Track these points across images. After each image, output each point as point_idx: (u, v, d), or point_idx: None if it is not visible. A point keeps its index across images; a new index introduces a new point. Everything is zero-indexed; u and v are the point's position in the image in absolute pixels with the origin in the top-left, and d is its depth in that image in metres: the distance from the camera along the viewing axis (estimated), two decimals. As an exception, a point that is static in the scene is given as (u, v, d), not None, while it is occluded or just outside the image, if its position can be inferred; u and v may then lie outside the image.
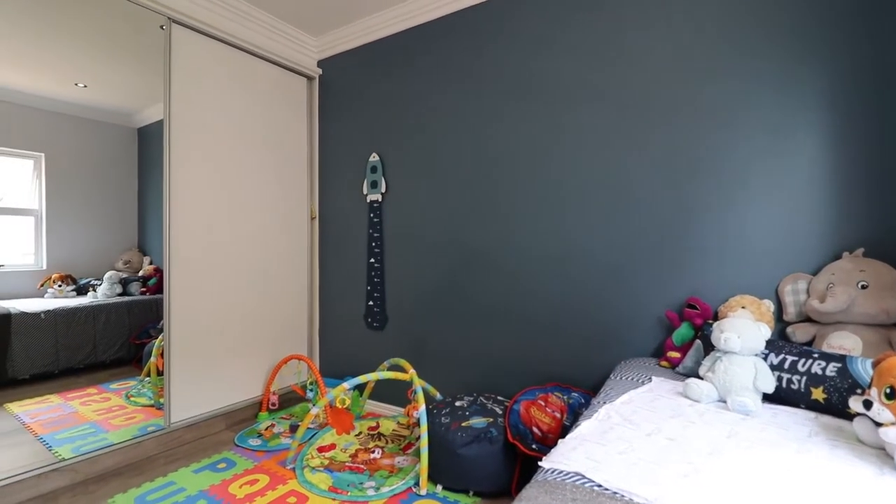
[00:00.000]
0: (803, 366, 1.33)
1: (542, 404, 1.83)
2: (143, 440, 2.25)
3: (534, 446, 1.74)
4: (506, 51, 2.34)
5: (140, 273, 3.33)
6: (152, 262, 3.36)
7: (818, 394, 1.27)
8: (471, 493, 1.87)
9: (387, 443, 2.32)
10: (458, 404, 2.05)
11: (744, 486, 0.86)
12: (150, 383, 2.80)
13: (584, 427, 1.16)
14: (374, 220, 2.87)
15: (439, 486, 1.91)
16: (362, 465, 2.09)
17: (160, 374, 2.54)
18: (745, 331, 1.38)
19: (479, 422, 1.88)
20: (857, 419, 1.06)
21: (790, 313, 1.64)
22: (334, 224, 3.13)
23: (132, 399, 2.77)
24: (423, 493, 1.87)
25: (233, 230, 2.67)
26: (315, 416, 2.19)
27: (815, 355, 1.34)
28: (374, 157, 2.86)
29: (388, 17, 2.76)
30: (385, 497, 1.85)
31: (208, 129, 2.53)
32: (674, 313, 1.81)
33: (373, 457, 2.17)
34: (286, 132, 3.01)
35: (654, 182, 1.93)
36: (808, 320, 1.61)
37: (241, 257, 2.72)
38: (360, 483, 1.94)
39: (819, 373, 1.29)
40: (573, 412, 1.81)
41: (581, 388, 2.02)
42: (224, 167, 2.62)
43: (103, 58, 2.82)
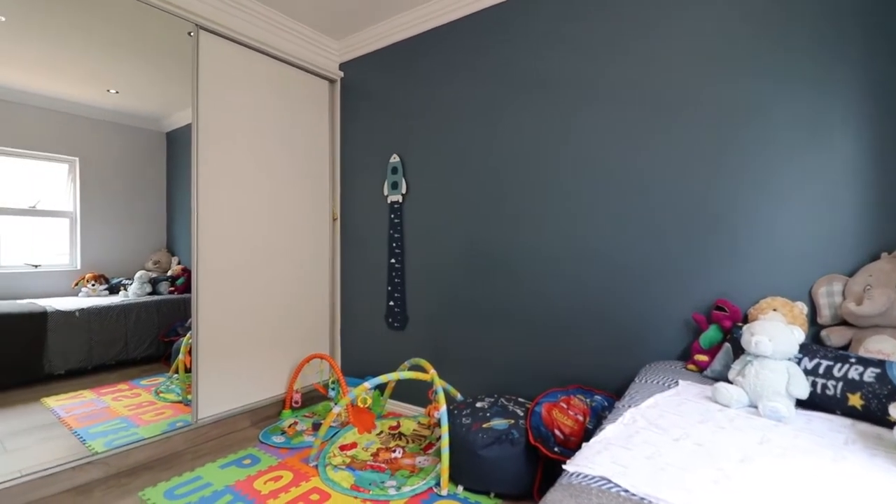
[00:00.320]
0: (839, 371, 1.28)
1: (565, 407, 1.81)
2: (172, 435, 2.31)
3: (556, 449, 1.72)
4: (525, 51, 2.33)
5: (168, 273, 3.43)
6: (180, 263, 3.46)
7: (855, 400, 1.22)
8: (492, 494, 1.87)
9: (408, 442, 2.33)
10: (478, 405, 2.05)
11: (777, 495, 0.83)
12: (178, 380, 2.88)
13: (609, 431, 1.14)
14: (395, 221, 2.88)
15: (460, 487, 1.91)
16: (383, 465, 2.11)
17: (188, 371, 2.61)
18: (777, 334, 1.34)
19: (500, 423, 1.87)
20: (898, 427, 1.02)
21: (825, 316, 1.58)
22: (355, 225, 3.16)
23: (161, 395, 2.85)
24: (444, 493, 1.87)
25: (257, 231, 2.73)
26: (337, 415, 2.22)
27: (852, 360, 1.29)
28: (394, 158, 2.88)
29: (408, 19, 2.77)
30: (406, 496, 1.86)
31: (234, 133, 2.59)
32: (701, 315, 1.76)
33: (394, 456, 2.18)
34: (309, 134, 3.06)
35: (681, 181, 1.89)
36: (843, 323, 1.55)
37: (265, 258, 2.78)
38: (382, 482, 1.96)
39: (856, 378, 1.24)
40: (596, 415, 1.78)
41: (604, 391, 1.99)
42: (248, 169, 2.68)
43: (134, 65, 2.91)
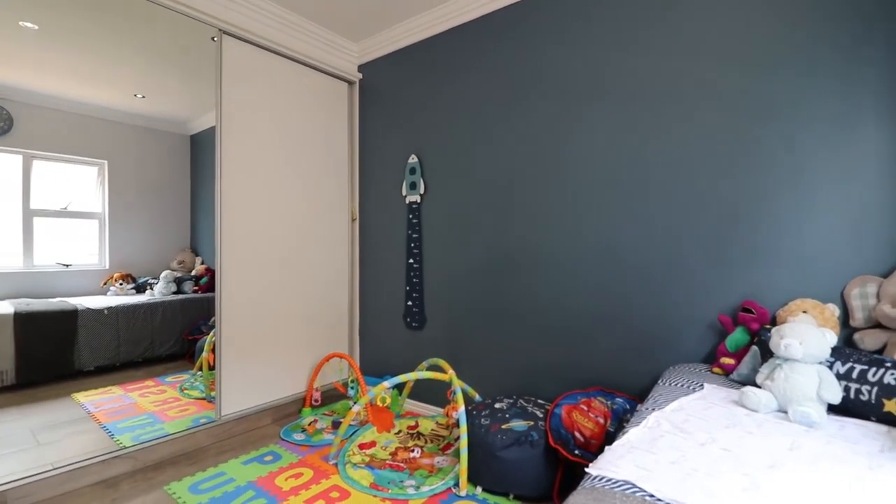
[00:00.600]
0: (874, 375, 1.23)
1: (585, 409, 1.79)
2: (196, 431, 2.36)
3: (576, 452, 1.70)
4: (542, 49, 2.31)
5: (193, 272, 3.52)
6: (203, 262, 3.54)
7: (891, 406, 1.17)
8: (511, 496, 1.85)
9: (426, 442, 2.34)
10: (497, 406, 2.04)
11: (809, 503, 0.80)
12: (201, 377, 2.95)
13: (633, 434, 1.12)
14: (413, 221, 2.89)
15: (479, 488, 1.90)
16: (402, 464, 2.11)
17: (211, 368, 2.66)
18: (807, 337, 1.30)
19: (519, 425, 1.86)
20: (939, 436, 0.97)
21: (858, 319, 1.52)
22: (374, 225, 3.19)
23: (186, 392, 2.92)
24: (462, 493, 1.86)
25: (278, 232, 2.77)
26: (356, 414, 2.24)
27: (888, 364, 1.24)
28: (412, 158, 2.89)
29: (424, 21, 2.78)
30: (425, 496, 1.86)
31: (256, 135, 2.64)
32: (727, 317, 1.72)
33: (412, 456, 2.19)
34: (328, 136, 3.09)
35: (705, 179, 1.85)
36: (877, 326, 1.49)
37: (286, 258, 2.82)
38: (401, 481, 1.96)
39: (892, 383, 1.19)
40: (617, 418, 1.75)
41: (625, 394, 1.96)
42: (270, 171, 2.72)
43: (160, 70, 2.99)
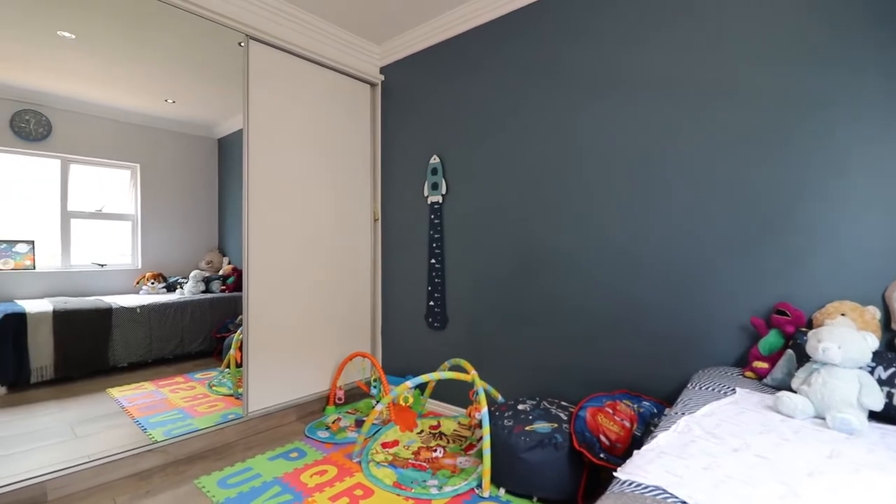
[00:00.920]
0: (920, 382, 1.18)
1: (610, 412, 1.76)
2: (225, 427, 2.41)
3: (602, 455, 1.67)
4: (564, 47, 2.28)
5: (220, 272, 3.61)
6: (230, 262, 3.63)
7: (940, 415, 1.12)
8: (535, 499, 1.84)
9: (448, 442, 2.34)
10: (520, 408, 2.02)
11: (854, 515, 0.77)
12: (229, 374, 3.02)
13: (662, 439, 1.10)
14: (435, 222, 2.90)
15: (502, 490, 1.89)
16: (425, 463, 2.12)
17: (238, 366, 2.72)
18: (846, 340, 1.24)
19: (542, 427, 1.84)
20: None
21: (901, 322, 1.46)
22: (396, 226, 3.21)
23: (214, 388, 3.00)
24: (485, 495, 1.86)
25: (303, 233, 2.81)
26: (379, 413, 2.25)
27: (936, 371, 1.18)
28: (434, 159, 2.90)
29: (446, 21, 2.78)
30: (448, 496, 1.86)
31: (281, 137, 2.68)
32: (760, 320, 1.66)
33: (435, 455, 2.19)
34: (351, 137, 3.13)
35: (737, 177, 1.79)
36: (923, 331, 1.42)
37: (311, 259, 2.86)
38: (424, 481, 1.97)
39: (941, 391, 1.13)
40: (644, 422, 1.72)
41: (653, 397, 1.92)
42: (295, 172, 2.76)
43: (189, 75, 3.08)
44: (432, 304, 2.92)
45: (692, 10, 1.90)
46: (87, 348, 2.97)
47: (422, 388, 2.86)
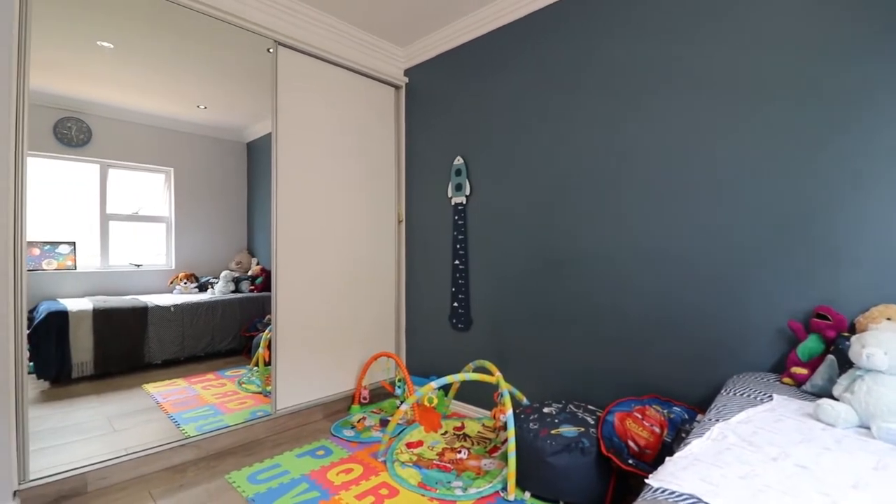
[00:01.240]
0: (976, 392, 1.11)
1: (639, 417, 1.72)
2: (254, 424, 2.47)
3: (630, 461, 1.64)
4: (591, 45, 2.25)
5: (249, 272, 3.70)
6: (259, 263, 3.71)
7: None
8: (560, 503, 1.81)
9: (473, 444, 2.33)
10: (546, 411, 2.00)
11: (905, 530, 0.73)
12: (257, 372, 3.09)
13: (696, 446, 1.07)
14: (459, 223, 2.90)
15: (527, 493, 1.87)
16: (449, 465, 2.12)
17: (267, 364, 2.79)
18: (893, 346, 1.19)
19: (569, 430, 1.81)
20: None
21: (953, 328, 1.38)
22: (420, 227, 3.22)
23: (243, 386, 3.07)
24: (511, 498, 1.84)
25: (329, 234, 2.86)
26: (404, 413, 2.27)
27: None
28: (458, 160, 2.90)
29: (470, 22, 2.78)
30: (473, 498, 1.86)
31: (308, 141, 2.74)
32: (798, 324, 1.60)
33: (459, 457, 2.19)
34: (375, 140, 3.16)
35: (772, 175, 1.73)
36: (978, 337, 1.34)
37: (337, 260, 2.90)
38: (448, 482, 1.97)
39: None
40: (675, 428, 1.68)
41: (684, 403, 1.87)
42: (321, 175, 2.81)
43: (220, 82, 3.17)
44: (456, 304, 2.92)
45: (729, 5, 1.85)
46: (125, 345, 3.08)
47: (446, 389, 2.87)
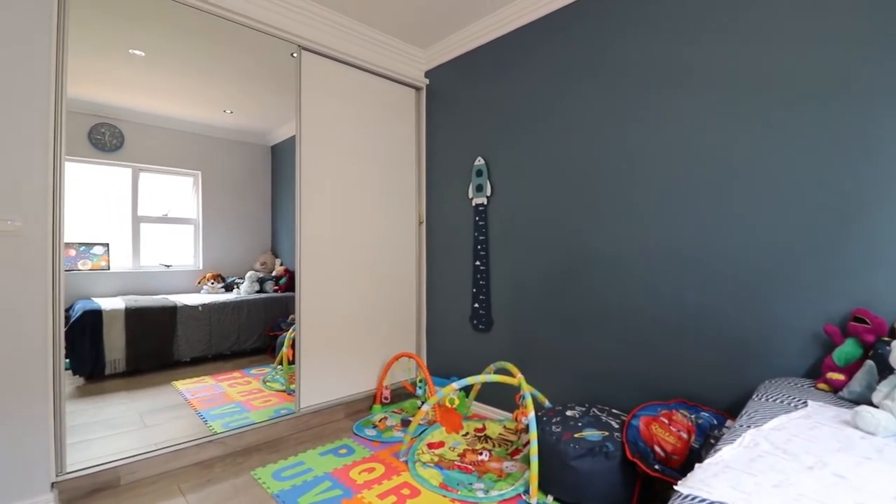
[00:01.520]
0: None
1: (666, 422, 1.68)
2: (278, 422, 2.52)
3: (656, 467, 1.61)
4: (614, 43, 2.21)
5: (273, 273, 3.77)
6: (282, 264, 3.78)
7: None
8: (584, 507, 1.79)
9: (494, 446, 2.32)
10: (569, 414, 1.98)
11: (955, 546, 0.70)
12: (281, 371, 3.15)
13: (727, 452, 1.04)
14: (480, 224, 2.89)
15: (550, 497, 1.85)
16: (471, 466, 2.12)
17: (291, 363, 2.83)
18: (939, 353, 1.13)
19: (592, 434, 1.79)
20: None
21: None
22: (440, 228, 3.23)
23: (268, 384, 3.13)
24: (533, 501, 1.82)
25: (351, 235, 2.89)
26: (425, 414, 2.27)
27: None
28: (479, 161, 2.89)
29: (490, 22, 2.77)
30: (494, 500, 1.85)
31: (330, 143, 2.77)
32: (834, 328, 1.54)
33: (480, 458, 2.19)
34: (397, 141, 3.18)
35: (808, 173, 1.67)
36: None
37: (359, 260, 2.93)
38: (470, 483, 1.97)
39: None
40: (703, 434, 1.63)
41: (712, 408, 1.82)
42: (343, 177, 2.85)
43: (244, 87, 3.24)
44: (477, 306, 2.91)
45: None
46: (155, 343, 3.18)
47: (467, 390, 2.86)
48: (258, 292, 3.66)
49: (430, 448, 2.29)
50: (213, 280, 3.55)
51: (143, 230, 3.38)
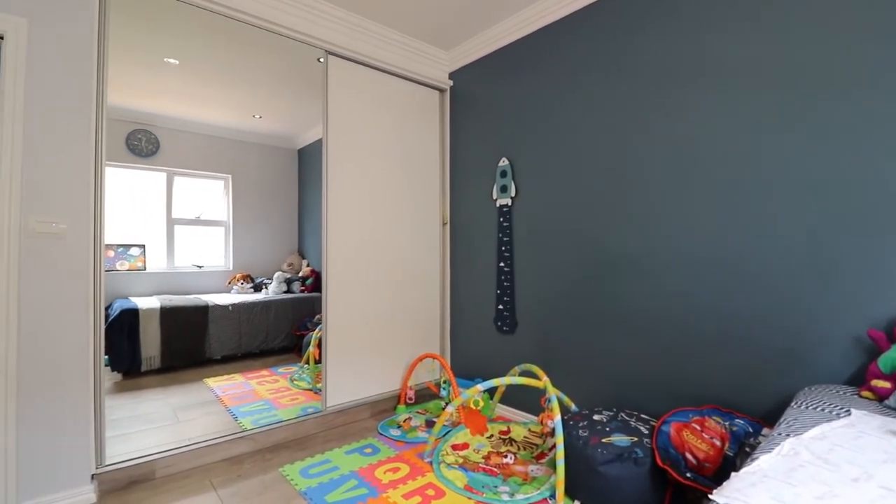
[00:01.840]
0: None
1: (698, 429, 1.63)
2: (305, 420, 2.56)
3: (688, 474, 1.56)
4: (641, 39, 2.16)
5: (300, 273, 3.85)
6: (309, 265, 3.85)
7: None
8: (612, 514, 1.75)
9: (519, 449, 2.30)
10: (596, 418, 1.94)
11: None
12: (308, 370, 3.21)
13: (765, 461, 1.00)
14: (504, 225, 2.88)
15: (577, 502, 1.82)
16: (495, 469, 2.10)
17: (317, 362, 2.88)
18: None
19: (621, 440, 1.75)
20: None
21: None
22: (464, 229, 3.22)
23: (295, 382, 3.19)
24: (559, 506, 1.80)
25: (376, 237, 2.92)
26: (450, 415, 2.27)
27: None
28: (503, 161, 2.88)
29: (514, 23, 2.75)
30: (520, 504, 1.83)
31: (356, 146, 2.81)
32: (880, 332, 1.46)
33: (505, 461, 2.17)
34: (421, 143, 3.20)
35: (853, 169, 1.59)
36: None
37: (383, 262, 2.96)
38: (495, 486, 1.95)
39: None
40: (738, 442, 1.58)
41: (747, 415, 1.75)
42: (369, 179, 2.88)
43: (273, 93, 3.32)
44: (501, 307, 2.90)
45: (792, -10, 1.73)
46: (188, 342, 3.29)
47: (491, 392, 2.85)
48: (285, 292, 3.75)
49: (454, 449, 2.29)
50: (242, 280, 3.64)
51: (176, 232, 3.50)
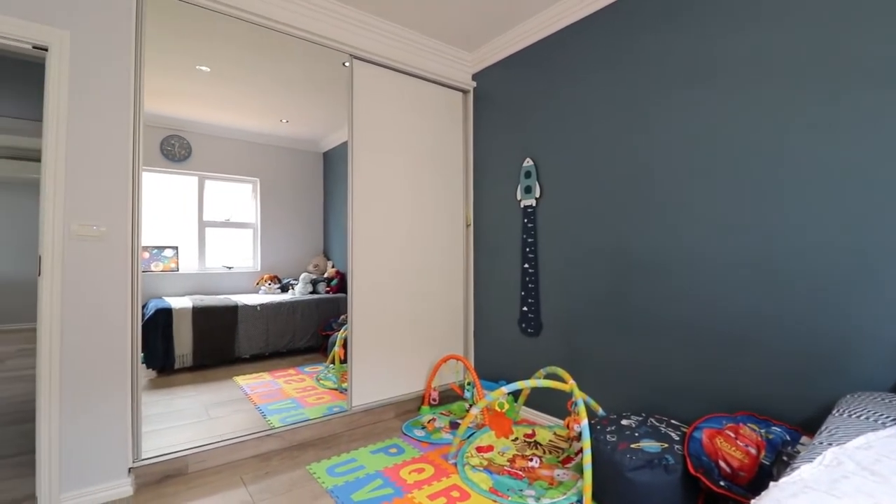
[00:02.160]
0: None
1: (732, 436, 1.58)
2: (331, 419, 2.60)
3: (722, 483, 1.51)
4: (668, 36, 2.11)
5: (325, 275, 3.91)
6: (334, 266, 3.91)
7: None
8: (641, 521, 1.71)
9: (544, 453, 2.28)
10: (624, 423, 1.91)
11: None
12: (333, 369, 3.25)
13: (806, 471, 0.96)
14: (528, 226, 2.86)
15: (604, 508, 1.79)
16: (521, 472, 2.09)
17: (342, 362, 2.92)
18: None
19: (651, 445, 1.71)
20: None
21: None
22: (488, 230, 3.21)
23: (321, 381, 3.24)
24: (586, 511, 1.77)
25: (399, 238, 2.94)
26: (474, 417, 2.27)
27: None
28: (527, 162, 2.86)
29: (537, 22, 2.73)
30: (546, 508, 1.81)
31: (380, 148, 2.84)
32: (930, 339, 1.39)
33: (531, 465, 2.15)
34: (444, 145, 3.21)
35: (886, 165, 1.52)
36: None
37: (408, 263, 2.98)
38: (520, 490, 1.94)
39: None
40: (774, 450, 1.52)
41: (784, 423, 1.69)
42: (393, 181, 2.90)
43: (299, 97, 3.39)
44: (526, 309, 2.87)
45: (832, -19, 1.66)
46: (219, 341, 3.38)
47: (515, 394, 2.83)
48: (311, 293, 3.81)
49: (479, 452, 2.29)
50: (269, 281, 3.73)
51: (207, 234, 3.61)
